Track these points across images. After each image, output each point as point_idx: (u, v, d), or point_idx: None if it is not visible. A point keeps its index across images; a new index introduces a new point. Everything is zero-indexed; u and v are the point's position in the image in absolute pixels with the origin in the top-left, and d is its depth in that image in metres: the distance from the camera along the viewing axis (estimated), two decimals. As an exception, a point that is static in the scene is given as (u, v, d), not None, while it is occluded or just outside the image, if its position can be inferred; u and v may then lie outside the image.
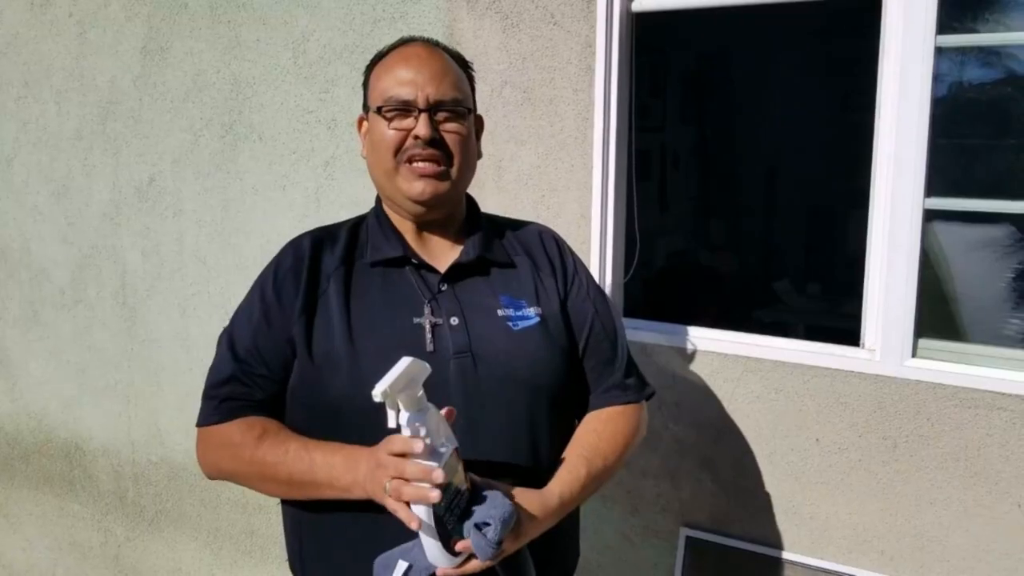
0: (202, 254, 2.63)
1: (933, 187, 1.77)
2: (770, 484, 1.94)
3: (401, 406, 1.03)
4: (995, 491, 1.73)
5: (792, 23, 4.10)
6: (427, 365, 1.05)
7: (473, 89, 1.37)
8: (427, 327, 1.25)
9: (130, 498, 2.92)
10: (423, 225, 1.35)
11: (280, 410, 1.31)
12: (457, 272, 1.31)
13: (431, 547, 1.09)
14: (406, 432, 1.05)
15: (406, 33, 1.41)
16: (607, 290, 2.06)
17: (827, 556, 1.90)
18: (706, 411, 1.99)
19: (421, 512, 1.06)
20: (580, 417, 1.39)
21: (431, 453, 1.06)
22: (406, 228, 1.34)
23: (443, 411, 1.09)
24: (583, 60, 2.01)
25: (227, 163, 2.54)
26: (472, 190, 1.43)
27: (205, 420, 1.31)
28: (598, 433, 1.33)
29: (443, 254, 1.34)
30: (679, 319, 2.04)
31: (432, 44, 1.33)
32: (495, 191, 2.13)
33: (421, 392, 1.05)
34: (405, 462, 1.06)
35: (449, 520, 1.08)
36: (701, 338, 1.99)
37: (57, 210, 2.89)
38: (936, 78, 1.73)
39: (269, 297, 1.29)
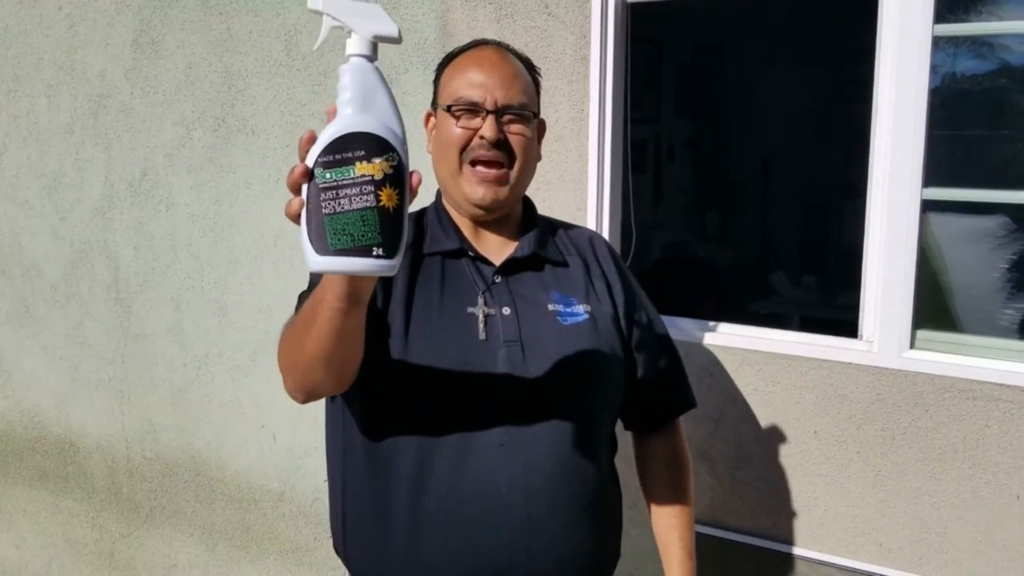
0: (195, 248, 2.62)
1: (930, 177, 1.76)
2: (767, 477, 1.93)
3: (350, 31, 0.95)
4: (993, 482, 1.73)
5: (787, 13, 4.09)
6: (394, 27, 1.00)
7: (538, 93, 1.41)
8: (480, 316, 1.29)
9: (124, 494, 2.91)
10: (480, 224, 1.39)
11: None
12: (512, 266, 1.35)
13: (304, 240, 0.93)
14: (342, 83, 0.96)
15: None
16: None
17: (825, 549, 1.89)
18: (703, 404, 1.97)
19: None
20: (622, 412, 1.47)
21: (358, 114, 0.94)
22: (464, 224, 1.38)
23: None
24: (578, 51, 1.99)
25: (220, 157, 2.53)
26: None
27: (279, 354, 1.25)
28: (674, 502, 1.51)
29: (498, 249, 1.38)
30: (675, 311, 2.03)
31: (504, 48, 1.38)
32: (490, 184, 2.12)
33: (374, 38, 0.98)
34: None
35: (327, 200, 0.93)
36: (697, 330, 1.98)
37: (48, 205, 2.87)
38: (932, 69, 1.72)
39: None
